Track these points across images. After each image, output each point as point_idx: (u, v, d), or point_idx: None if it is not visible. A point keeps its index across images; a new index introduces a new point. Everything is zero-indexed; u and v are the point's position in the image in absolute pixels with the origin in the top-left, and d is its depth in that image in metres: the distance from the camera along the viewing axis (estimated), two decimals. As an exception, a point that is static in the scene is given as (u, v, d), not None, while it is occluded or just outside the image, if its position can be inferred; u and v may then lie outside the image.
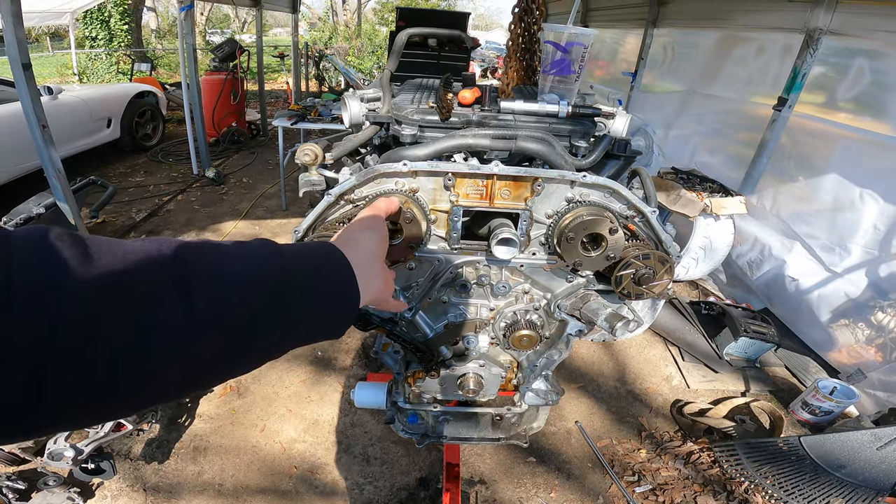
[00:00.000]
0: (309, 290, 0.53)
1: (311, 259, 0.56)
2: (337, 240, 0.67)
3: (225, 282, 0.45)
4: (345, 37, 18.06)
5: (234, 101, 7.01)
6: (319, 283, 0.55)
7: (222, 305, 0.44)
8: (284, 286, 0.50)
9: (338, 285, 0.57)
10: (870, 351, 2.83)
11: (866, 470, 2.16)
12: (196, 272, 0.43)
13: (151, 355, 0.39)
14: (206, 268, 0.44)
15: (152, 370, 0.39)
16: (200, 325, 0.41)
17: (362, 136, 1.31)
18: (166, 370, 0.40)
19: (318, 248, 0.60)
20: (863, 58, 3.04)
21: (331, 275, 0.57)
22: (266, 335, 0.48)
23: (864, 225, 2.90)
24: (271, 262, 0.50)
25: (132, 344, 0.37)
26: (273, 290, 0.49)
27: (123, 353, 0.37)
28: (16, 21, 2.99)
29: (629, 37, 6.18)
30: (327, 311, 0.56)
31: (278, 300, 0.49)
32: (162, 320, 0.39)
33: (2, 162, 4.40)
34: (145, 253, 0.41)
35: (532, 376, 1.39)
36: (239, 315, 0.45)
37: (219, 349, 0.44)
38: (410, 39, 1.45)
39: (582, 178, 1.07)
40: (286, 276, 0.51)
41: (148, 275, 0.40)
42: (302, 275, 0.53)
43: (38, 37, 19.71)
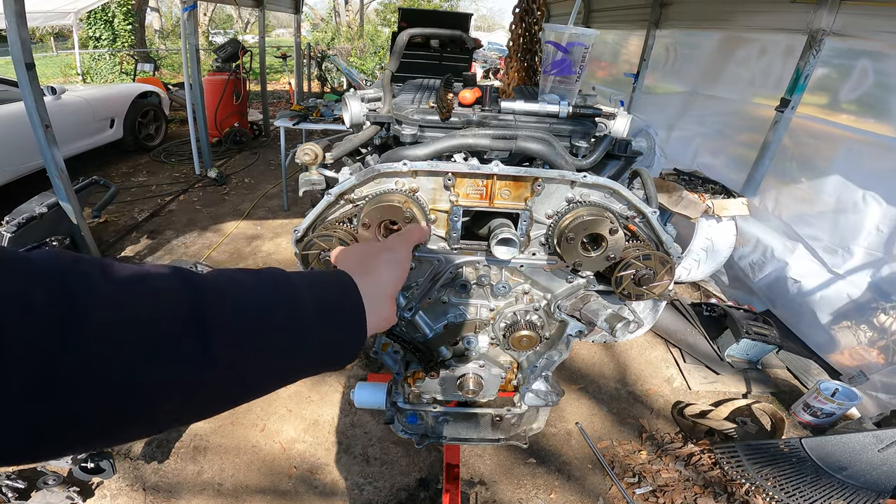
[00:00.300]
0: (320, 327, 0.53)
1: (325, 293, 0.55)
2: (358, 266, 0.65)
3: (239, 317, 0.45)
4: (347, 37, 18.09)
5: (236, 102, 7.03)
6: (330, 320, 0.54)
7: (235, 342, 0.44)
8: (297, 324, 0.50)
9: (347, 323, 0.56)
10: (872, 353, 2.82)
11: (868, 472, 2.15)
12: (211, 306, 0.43)
13: (162, 388, 0.39)
14: (221, 302, 0.44)
15: (161, 403, 0.40)
16: (213, 359, 0.42)
17: (363, 136, 1.30)
18: (175, 403, 0.41)
19: (333, 282, 0.58)
20: (866, 59, 3.03)
21: (342, 310, 0.56)
22: (270, 373, 0.49)
23: (867, 227, 2.89)
24: (285, 296, 0.50)
25: (145, 376, 0.38)
26: (284, 328, 0.49)
27: (136, 386, 0.37)
28: (19, 21, 3.00)
29: (631, 38, 6.18)
30: (334, 348, 0.56)
31: (289, 337, 0.49)
32: (176, 354, 0.40)
33: (5, 161, 4.42)
34: (161, 284, 0.41)
35: (532, 377, 1.39)
36: (250, 352, 0.45)
37: (227, 383, 0.44)
38: (412, 40, 1.45)
39: (582, 178, 1.06)
40: (299, 312, 0.51)
41: (165, 309, 0.40)
42: (314, 311, 0.52)
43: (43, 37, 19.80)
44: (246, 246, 4.41)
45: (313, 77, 10.33)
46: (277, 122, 4.91)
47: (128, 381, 0.37)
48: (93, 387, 0.35)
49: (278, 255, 4.26)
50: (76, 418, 0.35)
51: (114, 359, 0.36)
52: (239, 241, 4.48)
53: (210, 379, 0.42)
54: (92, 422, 0.36)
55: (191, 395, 0.42)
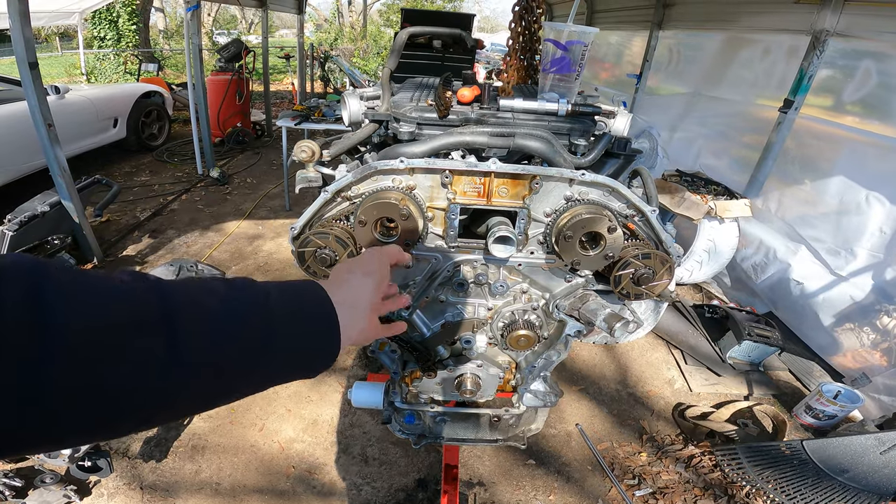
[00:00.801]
0: (291, 336, 0.54)
1: (297, 304, 0.56)
2: (331, 280, 0.67)
3: (210, 326, 0.46)
4: (350, 38, 18.13)
5: (239, 102, 7.04)
6: (302, 329, 0.55)
7: (204, 350, 0.45)
8: (268, 332, 0.51)
9: (319, 332, 0.58)
10: (875, 355, 2.80)
11: (869, 474, 2.13)
12: (181, 315, 0.43)
13: (131, 394, 0.40)
14: (191, 311, 0.45)
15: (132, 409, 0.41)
16: (182, 367, 0.42)
17: (361, 134, 1.30)
18: (145, 408, 0.42)
19: (306, 290, 0.59)
20: (870, 60, 3.01)
21: (315, 320, 0.57)
22: (244, 378, 0.50)
23: (871, 228, 2.87)
24: (257, 304, 0.51)
25: (115, 383, 0.38)
26: (256, 335, 0.50)
27: (106, 394, 0.38)
28: (23, 20, 3.02)
29: (634, 39, 6.17)
30: (307, 357, 0.56)
31: (261, 345, 0.50)
32: (145, 360, 0.40)
33: (8, 160, 4.43)
34: (133, 291, 0.42)
35: (530, 377, 1.38)
36: (220, 359, 0.46)
37: (197, 390, 0.45)
38: (413, 40, 1.45)
39: (581, 176, 1.06)
40: (271, 321, 0.51)
41: (135, 314, 0.40)
42: (286, 320, 0.53)
43: (48, 37, 19.91)
44: (247, 245, 4.41)
45: (316, 77, 10.35)
46: (279, 121, 4.92)
47: (97, 388, 0.37)
48: (61, 393, 0.35)
49: (279, 254, 4.26)
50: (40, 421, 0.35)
51: (84, 366, 0.36)
52: (240, 241, 4.49)
53: (179, 385, 0.43)
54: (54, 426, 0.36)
55: (159, 401, 0.42)
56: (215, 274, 3.02)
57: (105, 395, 0.38)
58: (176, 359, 0.42)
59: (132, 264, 3.94)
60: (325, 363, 0.58)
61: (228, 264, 4.03)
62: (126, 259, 4.03)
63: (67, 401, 0.36)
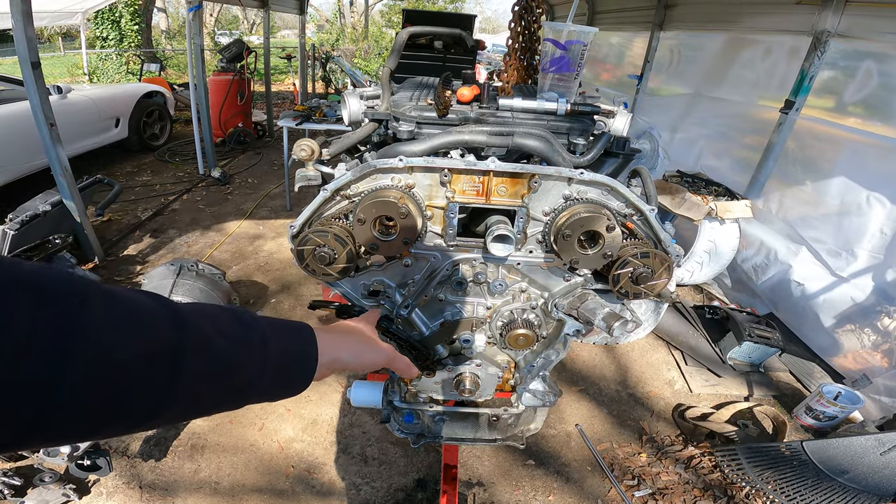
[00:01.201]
0: (277, 371, 0.60)
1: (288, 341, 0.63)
2: (329, 335, 0.73)
3: (211, 366, 0.50)
4: (351, 39, 18.15)
5: (240, 102, 7.06)
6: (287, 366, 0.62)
7: (200, 384, 0.49)
8: (260, 373, 0.56)
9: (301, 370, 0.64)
10: (875, 356, 2.79)
11: (869, 475, 2.13)
12: (190, 350, 0.47)
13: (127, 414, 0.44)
14: (199, 346, 0.49)
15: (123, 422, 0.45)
16: (175, 396, 0.46)
17: (360, 133, 1.30)
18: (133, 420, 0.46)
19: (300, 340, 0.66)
20: (871, 60, 3.01)
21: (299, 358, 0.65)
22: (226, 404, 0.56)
23: (871, 229, 2.86)
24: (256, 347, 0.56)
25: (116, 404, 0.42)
26: (249, 375, 0.55)
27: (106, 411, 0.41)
28: (25, 20, 3.03)
29: (635, 40, 6.17)
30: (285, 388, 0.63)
31: (249, 383, 0.56)
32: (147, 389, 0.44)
33: (10, 160, 4.45)
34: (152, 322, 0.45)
35: (529, 377, 1.38)
36: (211, 392, 0.51)
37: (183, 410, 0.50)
38: (414, 40, 1.45)
39: (579, 175, 1.06)
40: (264, 363, 0.57)
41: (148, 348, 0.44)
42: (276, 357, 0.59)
43: (51, 37, 19.97)
44: (248, 245, 4.42)
45: (317, 78, 10.37)
46: (280, 122, 4.92)
47: (101, 407, 0.41)
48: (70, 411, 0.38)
49: (280, 254, 4.27)
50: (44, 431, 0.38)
51: (95, 389, 0.39)
52: (241, 241, 4.49)
53: (168, 408, 0.47)
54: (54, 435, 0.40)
55: (147, 417, 0.46)
56: (215, 274, 3.02)
57: (106, 415, 0.42)
58: (173, 388, 0.46)
59: (133, 264, 3.95)
60: (297, 392, 0.65)
61: (229, 264, 4.04)
62: (127, 258, 4.03)
63: (73, 417, 0.39)
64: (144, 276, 2.95)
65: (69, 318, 0.37)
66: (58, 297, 0.37)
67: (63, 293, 0.38)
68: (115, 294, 0.43)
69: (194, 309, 0.51)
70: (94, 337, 0.39)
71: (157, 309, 0.47)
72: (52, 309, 0.36)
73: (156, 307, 0.47)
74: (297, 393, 0.65)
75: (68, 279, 0.39)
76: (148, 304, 0.46)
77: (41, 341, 0.35)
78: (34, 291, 0.36)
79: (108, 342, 0.40)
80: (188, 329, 0.48)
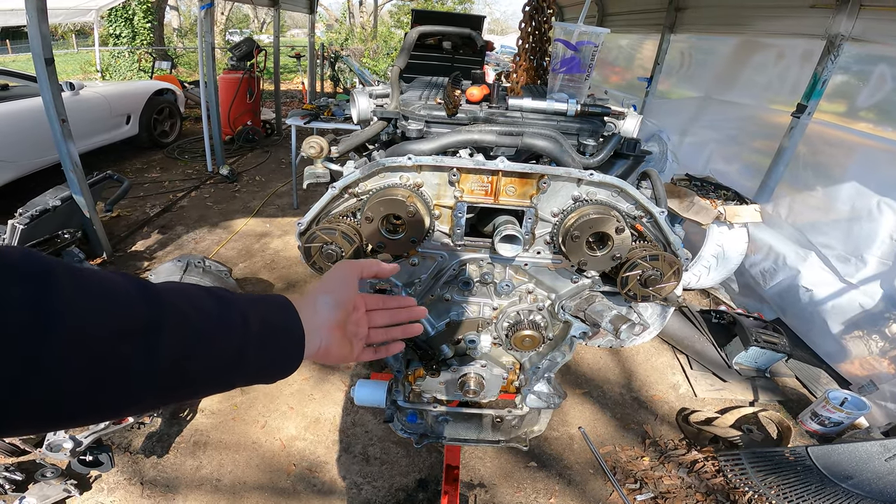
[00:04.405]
0: (261, 354, 0.58)
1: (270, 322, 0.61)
2: (301, 298, 0.71)
3: (189, 341, 0.49)
4: (360, 38, 18.20)
5: (249, 100, 7.09)
6: (272, 348, 0.60)
7: (179, 362, 0.48)
8: (241, 350, 0.55)
9: (286, 350, 0.62)
10: (883, 363, 2.76)
11: (873, 481, 2.10)
12: (165, 326, 0.46)
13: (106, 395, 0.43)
14: (175, 322, 0.47)
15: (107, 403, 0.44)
16: (154, 375, 0.45)
17: (369, 132, 1.30)
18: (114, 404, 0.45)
19: (277, 307, 0.64)
20: (885, 65, 2.97)
21: (284, 338, 0.62)
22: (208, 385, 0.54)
23: (881, 235, 2.83)
24: (236, 324, 0.55)
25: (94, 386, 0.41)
26: (229, 353, 0.54)
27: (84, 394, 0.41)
28: (40, 16, 3.06)
29: (646, 42, 6.13)
30: (272, 365, 0.61)
31: (232, 361, 0.54)
32: (124, 369, 0.43)
33: (22, 155, 4.50)
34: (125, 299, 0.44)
35: (534, 379, 1.37)
36: (191, 371, 0.50)
37: (163, 393, 0.48)
38: (423, 40, 1.45)
39: (589, 176, 1.05)
40: (245, 340, 0.55)
41: (122, 324, 0.43)
42: (258, 340, 0.57)
43: (65, 34, 20.20)
44: (255, 243, 4.44)
45: (326, 77, 10.40)
46: (289, 120, 4.94)
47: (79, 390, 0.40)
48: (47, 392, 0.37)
49: (287, 252, 4.28)
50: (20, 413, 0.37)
51: (72, 370, 0.38)
52: (248, 238, 4.52)
53: (148, 388, 0.46)
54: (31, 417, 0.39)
55: (127, 399, 0.45)
56: (222, 270, 3.04)
57: (86, 396, 0.41)
58: (151, 367, 0.45)
59: (141, 259, 3.98)
60: (288, 372, 0.63)
61: (236, 261, 4.06)
62: (135, 254, 4.07)
63: (52, 400, 0.38)
64: (151, 272, 2.97)
65: (42, 295, 0.36)
66: (29, 274, 0.37)
67: (34, 271, 0.37)
68: (83, 272, 0.42)
69: (168, 287, 0.50)
70: (67, 314, 0.38)
71: (129, 286, 0.45)
72: (24, 286, 0.36)
73: (126, 284, 0.45)
74: (291, 368, 0.63)
75: (38, 258, 0.39)
76: (119, 282, 0.45)
77: (14, 318, 0.34)
78: (5, 269, 0.36)
79: (80, 320, 0.39)
80: (163, 306, 0.47)
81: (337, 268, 0.76)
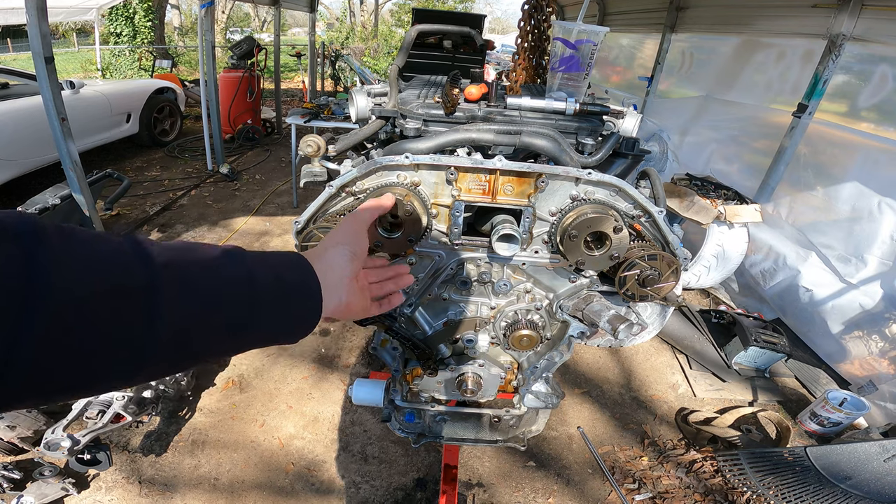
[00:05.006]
0: (274, 304, 0.55)
1: (282, 274, 0.58)
2: (312, 251, 0.68)
3: (193, 295, 0.46)
4: (361, 37, 18.20)
5: (250, 99, 7.09)
6: (285, 299, 0.56)
7: (186, 318, 0.45)
8: (252, 302, 0.52)
9: (301, 302, 0.59)
10: (882, 363, 2.76)
11: (872, 482, 2.10)
12: (166, 283, 0.44)
13: (111, 358, 0.40)
14: (176, 278, 0.45)
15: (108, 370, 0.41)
16: (161, 335, 0.43)
17: (367, 130, 1.30)
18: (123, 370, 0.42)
19: (289, 261, 0.61)
20: (886, 65, 2.97)
21: (296, 290, 0.59)
22: (224, 343, 0.51)
23: (882, 235, 2.82)
24: (241, 274, 0.52)
25: (92, 350, 0.39)
26: (239, 305, 0.50)
27: (82, 359, 0.38)
28: (40, 15, 3.05)
29: (646, 42, 6.13)
30: (288, 325, 0.58)
31: (244, 315, 0.51)
32: (127, 328, 0.41)
33: (22, 153, 4.50)
34: (120, 256, 0.42)
35: (532, 378, 1.37)
36: (201, 327, 0.47)
37: (175, 355, 0.46)
38: (423, 39, 1.44)
39: (587, 175, 1.05)
40: (255, 290, 0.52)
41: (120, 280, 0.40)
42: (270, 289, 0.54)
43: (66, 33, 20.20)
44: (255, 241, 4.44)
45: (327, 76, 10.40)
46: (289, 119, 4.94)
47: (76, 353, 0.38)
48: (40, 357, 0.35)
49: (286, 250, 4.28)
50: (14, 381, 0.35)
51: (65, 331, 0.36)
52: (248, 237, 4.52)
53: (152, 351, 0.43)
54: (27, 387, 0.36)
55: (132, 364, 0.43)
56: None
57: (81, 359, 0.38)
58: (153, 330, 0.42)
59: (141, 257, 3.97)
60: (306, 329, 0.59)
61: (235, 259, 4.05)
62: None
63: (45, 364, 0.36)
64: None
65: (31, 254, 0.35)
66: (17, 234, 0.35)
67: (22, 231, 0.36)
68: (75, 231, 0.40)
69: (171, 245, 0.48)
70: (60, 275, 0.36)
71: (124, 244, 0.43)
72: (12, 246, 0.34)
73: (122, 243, 0.43)
74: (308, 326, 0.59)
75: (27, 218, 0.37)
76: (112, 241, 0.43)
77: (3, 279, 0.33)
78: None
79: (73, 279, 0.37)
80: (162, 264, 0.44)
81: (349, 218, 0.74)
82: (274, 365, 2.92)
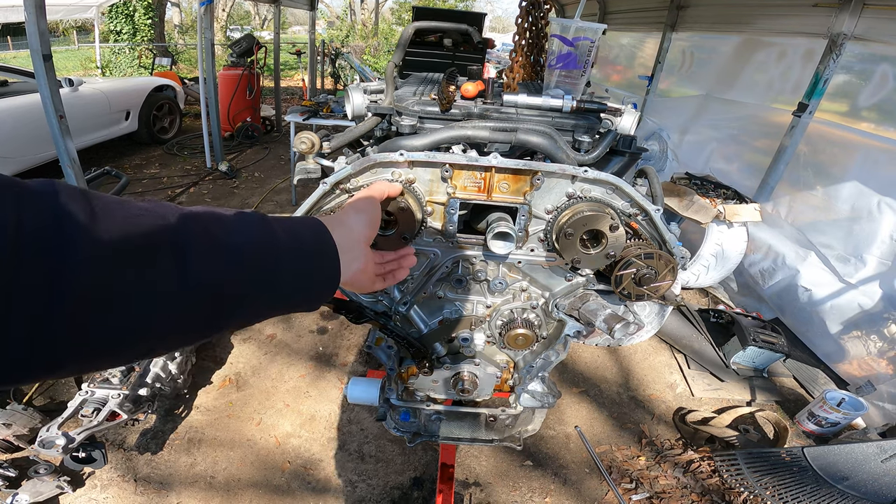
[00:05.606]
0: (295, 265, 0.56)
1: (301, 235, 0.59)
2: (329, 218, 0.69)
3: (218, 253, 0.47)
4: (362, 36, 18.17)
5: (249, 97, 7.08)
6: (306, 260, 0.58)
7: (213, 276, 0.46)
8: (275, 261, 0.53)
9: (321, 267, 0.60)
10: (881, 363, 2.75)
11: (869, 482, 2.10)
12: (193, 241, 0.45)
13: (142, 315, 0.40)
14: (202, 237, 0.46)
15: (140, 328, 0.41)
16: (190, 292, 0.44)
17: (363, 127, 1.29)
18: (153, 329, 0.42)
19: (309, 226, 0.62)
20: (887, 64, 2.96)
21: (317, 254, 0.60)
22: (249, 305, 0.51)
23: (881, 235, 2.81)
24: (264, 238, 0.53)
25: (125, 303, 0.39)
26: (263, 265, 0.52)
27: (115, 312, 0.38)
28: (38, 12, 3.04)
29: (647, 41, 6.11)
30: (309, 287, 0.59)
31: (267, 275, 0.52)
32: (155, 284, 0.41)
33: (21, 150, 4.49)
34: (148, 217, 0.42)
35: (528, 377, 1.36)
36: (228, 286, 0.47)
37: (204, 314, 0.46)
38: (422, 36, 1.43)
39: (583, 172, 1.04)
40: (277, 251, 0.53)
41: (147, 239, 0.41)
42: (291, 250, 0.56)
43: (66, 30, 20.18)
44: (253, 239, 4.43)
45: (327, 74, 10.38)
46: (288, 117, 4.93)
47: (106, 319, 0.38)
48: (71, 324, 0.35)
49: (284, 249, 4.28)
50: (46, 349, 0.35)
51: (95, 296, 0.37)
52: (246, 235, 4.51)
53: (184, 312, 0.44)
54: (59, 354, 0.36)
55: (164, 328, 0.43)
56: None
57: (114, 325, 0.39)
58: (184, 286, 0.43)
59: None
60: (326, 294, 0.61)
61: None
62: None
63: (76, 331, 0.36)
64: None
65: (59, 211, 0.35)
66: (42, 192, 0.35)
67: (45, 190, 0.36)
68: (102, 198, 0.40)
69: (194, 209, 0.49)
70: (88, 231, 0.36)
71: (147, 204, 0.44)
72: (38, 202, 0.34)
73: (147, 202, 0.44)
74: (328, 291, 0.61)
75: (46, 180, 0.37)
76: (135, 202, 0.43)
77: (31, 237, 0.33)
78: (16, 186, 0.34)
79: (102, 236, 0.37)
80: (188, 223, 0.45)
81: (364, 191, 0.79)
82: (271, 363, 2.92)
